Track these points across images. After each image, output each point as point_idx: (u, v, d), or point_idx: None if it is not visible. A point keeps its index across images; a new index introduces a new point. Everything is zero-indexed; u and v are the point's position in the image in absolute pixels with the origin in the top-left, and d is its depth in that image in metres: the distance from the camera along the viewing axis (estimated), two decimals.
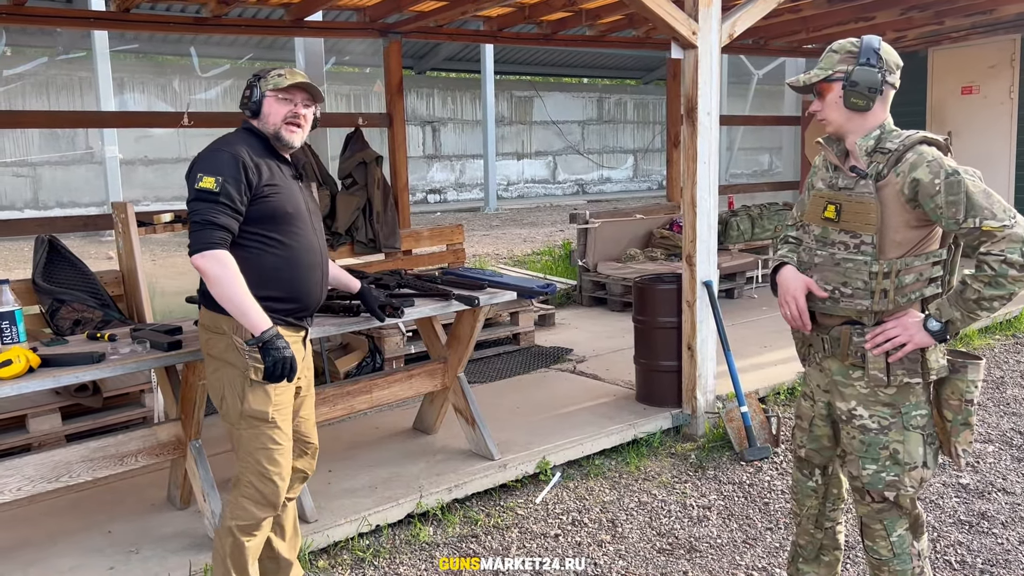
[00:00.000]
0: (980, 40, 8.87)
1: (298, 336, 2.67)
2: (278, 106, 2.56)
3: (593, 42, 8.01)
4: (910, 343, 2.22)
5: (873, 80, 2.23)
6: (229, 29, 6.11)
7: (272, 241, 2.54)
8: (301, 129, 2.61)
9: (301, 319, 2.68)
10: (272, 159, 2.59)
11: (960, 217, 2.13)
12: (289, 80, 2.56)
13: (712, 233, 4.38)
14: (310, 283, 2.64)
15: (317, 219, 2.74)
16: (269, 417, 2.55)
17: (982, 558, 3.11)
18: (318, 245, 2.68)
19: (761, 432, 4.21)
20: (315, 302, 2.70)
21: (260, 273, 2.52)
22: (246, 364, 2.51)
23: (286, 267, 2.56)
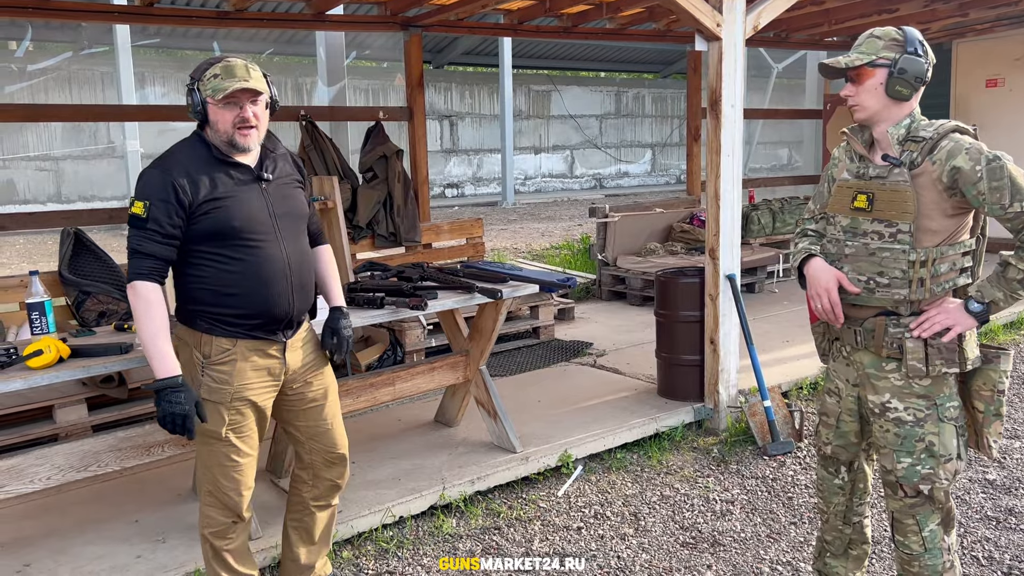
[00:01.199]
0: (1005, 32, 8.76)
1: (275, 347, 2.54)
2: (223, 112, 2.39)
3: (613, 35, 7.98)
4: (956, 326, 2.22)
5: (920, 70, 2.22)
6: (251, 23, 6.13)
7: (222, 258, 2.41)
8: (255, 129, 2.43)
9: (273, 332, 2.52)
10: (219, 168, 2.42)
11: (1006, 202, 2.12)
12: (227, 84, 2.35)
13: (735, 226, 4.36)
14: (272, 296, 2.46)
15: (289, 221, 2.54)
16: (222, 435, 2.49)
17: (1010, 554, 3.08)
18: (282, 253, 2.48)
19: (784, 427, 4.19)
20: (283, 313, 2.50)
21: (215, 291, 2.43)
22: (199, 381, 2.47)
23: (241, 283, 2.42)
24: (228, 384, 2.47)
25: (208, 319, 2.45)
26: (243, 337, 2.46)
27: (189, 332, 2.49)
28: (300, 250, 2.58)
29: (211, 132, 2.45)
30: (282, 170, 2.57)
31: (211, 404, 2.46)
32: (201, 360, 2.46)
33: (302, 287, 2.56)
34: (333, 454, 2.76)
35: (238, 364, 2.47)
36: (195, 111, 2.43)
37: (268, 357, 2.53)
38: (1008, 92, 8.89)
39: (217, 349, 2.46)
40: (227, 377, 2.47)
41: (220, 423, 2.47)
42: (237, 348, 2.47)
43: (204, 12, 5.91)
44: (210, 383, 2.46)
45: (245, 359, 2.48)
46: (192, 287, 2.45)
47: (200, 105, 2.41)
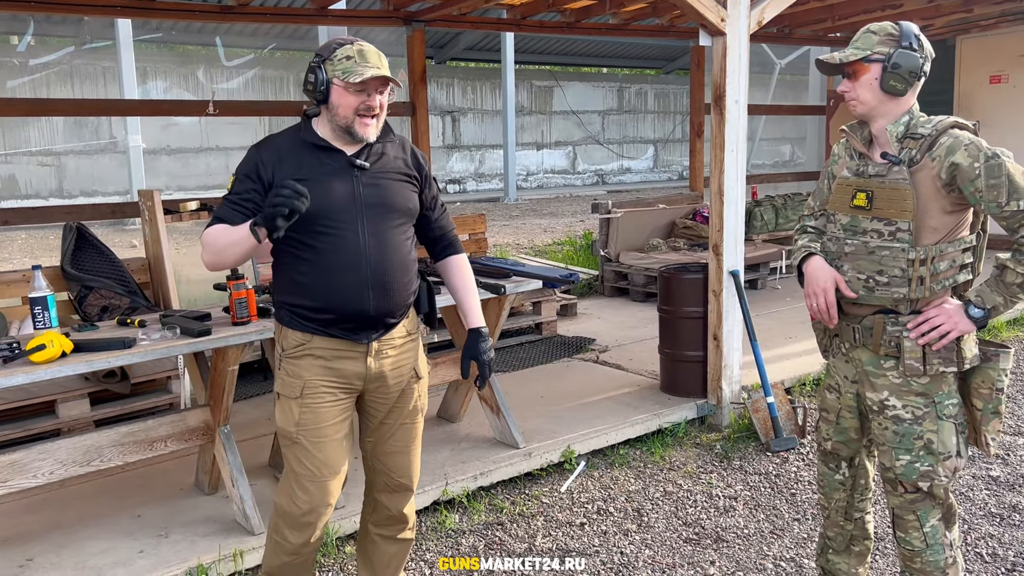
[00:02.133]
0: (1010, 28, 8.73)
1: (356, 349, 2.33)
2: (348, 97, 2.22)
3: (616, 30, 7.96)
4: (954, 330, 2.20)
5: (915, 65, 2.20)
6: (253, 17, 6.12)
7: (298, 244, 2.27)
8: (375, 120, 2.27)
9: (350, 331, 2.31)
10: (312, 152, 2.27)
11: (1003, 200, 2.11)
12: (362, 70, 2.19)
13: (739, 222, 4.35)
14: (344, 289, 2.27)
15: (380, 213, 2.32)
16: (293, 436, 2.32)
17: (1013, 551, 3.07)
18: (361, 244, 2.27)
19: (787, 423, 4.18)
20: (355, 310, 2.29)
21: (291, 279, 2.31)
22: (277, 374, 2.39)
23: (312, 272, 2.27)
24: (300, 378, 2.31)
25: (287, 310, 2.34)
26: (318, 333, 2.30)
27: (276, 323, 2.41)
28: (388, 245, 2.33)
29: (326, 115, 2.27)
30: (388, 162, 2.36)
31: (284, 400, 2.34)
32: (280, 352, 2.37)
33: (384, 286, 2.31)
34: (394, 481, 2.51)
35: (311, 360, 2.31)
36: (317, 89, 2.23)
37: (346, 359, 2.33)
38: (1012, 88, 8.87)
39: (291, 342, 2.33)
40: (299, 371, 2.31)
41: (291, 420, 2.32)
42: (312, 344, 2.31)
43: (206, 7, 5.90)
44: (284, 376, 2.34)
45: (319, 356, 2.31)
46: (277, 276, 2.37)
47: (324, 84, 2.23)
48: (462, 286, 2.55)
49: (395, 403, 2.44)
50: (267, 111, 10.35)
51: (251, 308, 3.07)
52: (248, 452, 3.79)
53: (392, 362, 2.39)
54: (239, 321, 3.04)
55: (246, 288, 3.04)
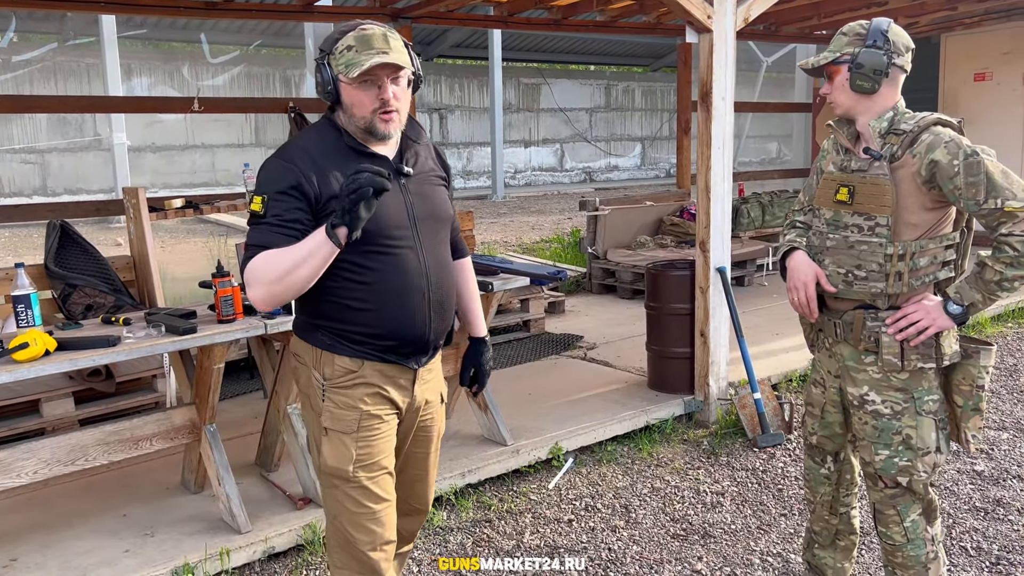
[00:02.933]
0: (994, 26, 8.79)
1: (406, 376, 2.12)
2: (359, 94, 1.95)
3: (603, 27, 7.96)
4: (932, 326, 2.21)
5: (878, 62, 2.21)
6: (239, 14, 6.09)
7: (352, 266, 1.98)
8: (396, 114, 1.99)
9: (406, 356, 2.09)
10: (353, 160, 1.98)
11: (981, 198, 2.12)
12: (363, 59, 1.90)
13: (726, 219, 4.36)
14: (407, 313, 2.03)
15: (431, 225, 2.10)
16: (350, 475, 2.03)
17: (998, 545, 3.10)
18: (421, 263, 2.05)
19: (774, 419, 4.20)
20: (418, 335, 2.07)
21: (343, 305, 2.02)
22: (320, 407, 2.07)
23: (372, 296, 2.01)
24: (354, 409, 2.04)
25: (331, 334, 2.05)
26: (371, 358, 2.05)
27: (307, 349, 2.09)
28: (441, 261, 2.13)
29: (344, 117, 2.01)
30: (424, 164, 2.14)
31: (335, 435, 2.05)
32: (321, 382, 2.06)
33: (442, 305, 2.11)
34: (410, 506, 2.34)
35: (364, 389, 2.06)
36: (326, 92, 1.99)
37: (397, 386, 2.11)
38: (996, 86, 8.93)
39: (339, 370, 2.05)
40: (352, 402, 2.05)
41: (347, 458, 2.03)
42: (364, 370, 2.05)
43: (191, 3, 5.85)
44: (332, 409, 2.04)
45: (372, 383, 2.06)
46: (316, 300, 2.03)
47: (331, 84, 1.97)
48: (468, 293, 2.39)
49: (425, 427, 2.25)
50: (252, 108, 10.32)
51: (237, 306, 3.05)
52: (234, 451, 3.77)
53: (428, 387, 2.21)
54: (225, 319, 3.01)
55: (231, 285, 3.02)
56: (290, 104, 5.85)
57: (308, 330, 2.09)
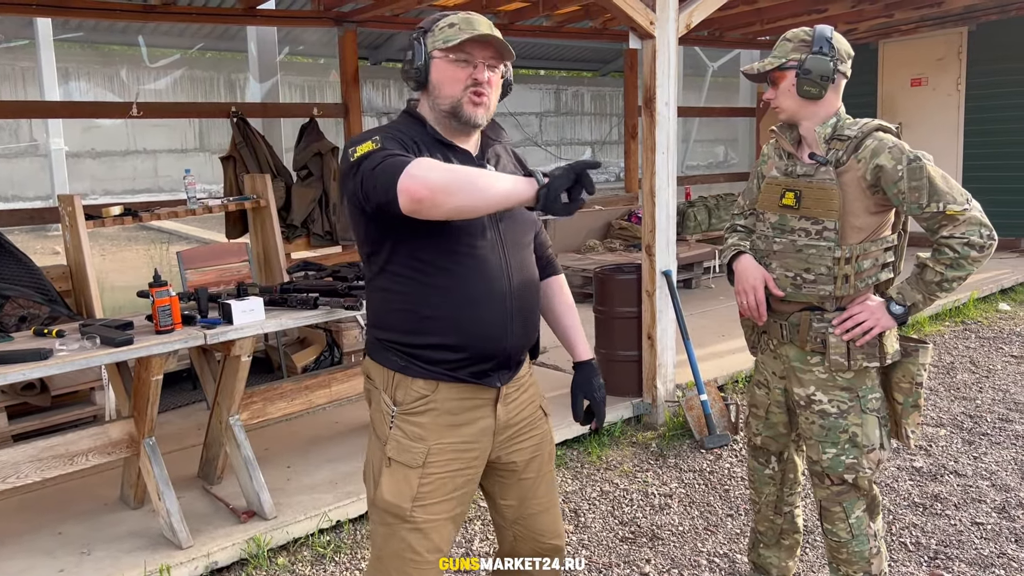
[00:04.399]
0: (929, 33, 9.05)
1: (486, 396, 1.90)
2: (452, 70, 1.81)
3: (551, 32, 8.00)
4: (877, 326, 2.27)
5: (825, 68, 2.25)
6: (178, 17, 5.97)
7: (426, 267, 1.80)
8: (486, 100, 1.84)
9: (483, 375, 1.87)
10: (438, 150, 1.84)
11: (924, 202, 2.17)
12: (465, 32, 1.78)
13: (671, 223, 4.40)
14: (486, 322, 1.84)
15: (514, 228, 1.91)
16: (407, 514, 1.84)
17: (936, 539, 3.17)
18: (503, 267, 1.86)
19: (720, 420, 4.25)
20: (498, 347, 1.86)
21: (413, 313, 1.83)
22: (386, 435, 1.87)
23: (446, 302, 1.81)
24: (422, 441, 1.85)
25: (402, 353, 1.86)
26: (446, 379, 1.85)
27: (379, 370, 1.91)
28: (525, 266, 1.94)
29: (428, 101, 1.87)
30: (505, 165, 1.99)
31: (398, 468, 1.85)
32: (391, 409, 1.87)
33: (525, 314, 1.91)
34: (546, 544, 2.08)
35: (438, 416, 1.86)
36: (414, 69, 1.85)
37: (476, 409, 1.89)
38: (932, 91, 9.20)
39: (412, 394, 1.85)
40: (422, 432, 1.85)
41: (406, 494, 1.84)
42: (437, 394, 1.85)
43: (128, 6, 5.72)
44: (400, 438, 1.85)
45: (447, 410, 1.86)
46: (385, 308, 1.88)
47: (423, 60, 1.83)
48: (566, 313, 2.15)
49: (528, 451, 2.00)
50: (194, 113, 10.11)
51: (175, 316, 2.97)
52: (176, 463, 3.69)
53: (520, 404, 1.98)
54: (163, 329, 2.94)
55: (169, 295, 2.95)
56: (232, 109, 5.75)
57: (380, 350, 1.90)
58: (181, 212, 4.98)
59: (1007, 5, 8.16)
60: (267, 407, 3.56)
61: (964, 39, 8.85)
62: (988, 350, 5.65)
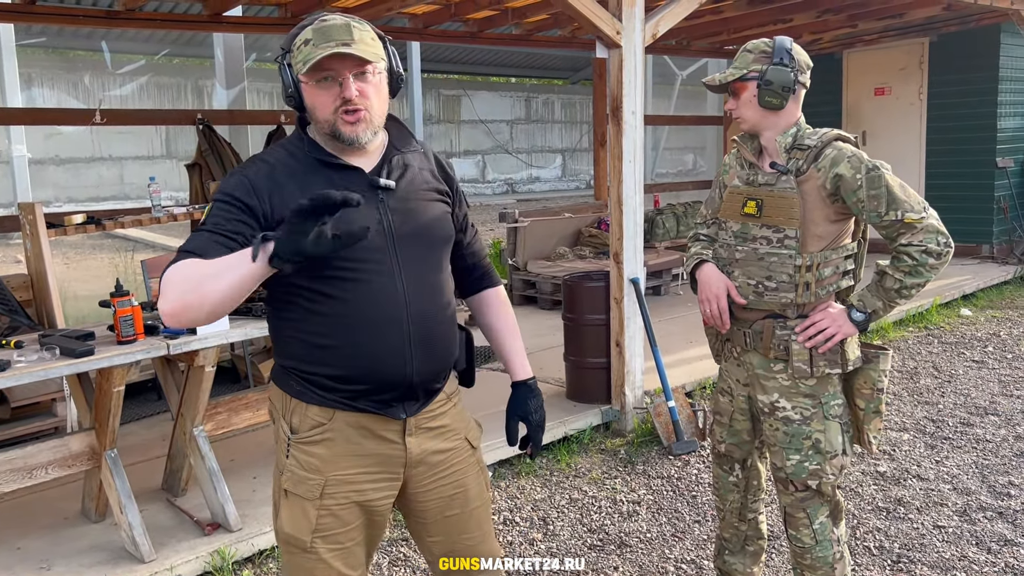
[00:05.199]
0: (891, 43, 9.22)
1: (390, 427, 1.79)
2: (319, 94, 1.69)
3: (520, 41, 8.03)
4: (839, 333, 2.29)
5: (786, 79, 2.28)
6: (143, 23, 5.90)
7: (314, 295, 1.70)
8: (364, 114, 1.69)
9: (386, 404, 1.76)
10: (318, 173, 1.73)
11: (882, 210, 2.21)
12: (320, 49, 1.63)
13: (638, 231, 4.43)
14: (380, 350, 1.72)
15: (416, 246, 1.77)
16: (307, 546, 1.75)
17: (899, 543, 3.21)
18: (399, 290, 1.72)
19: (688, 426, 4.27)
20: (396, 376, 1.74)
21: (306, 341, 1.74)
22: (283, 464, 1.78)
23: (337, 330, 1.71)
24: (318, 473, 1.75)
25: (300, 379, 1.76)
26: (343, 407, 1.75)
27: (279, 396, 1.81)
28: (431, 288, 1.79)
29: (312, 123, 1.76)
30: (415, 177, 1.82)
31: (295, 499, 1.76)
32: (288, 436, 1.78)
33: (429, 341, 1.78)
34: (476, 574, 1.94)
35: (335, 446, 1.76)
36: (288, 96, 1.74)
37: (380, 440, 1.78)
38: (895, 100, 9.36)
39: (307, 422, 1.76)
40: (318, 463, 1.75)
41: (305, 527, 1.75)
42: (334, 423, 1.75)
43: (92, 11, 5.65)
44: (295, 469, 1.76)
45: (345, 439, 1.76)
46: (283, 336, 1.78)
47: (292, 86, 1.72)
48: (503, 327, 2.01)
49: (453, 484, 1.88)
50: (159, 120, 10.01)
51: (137, 326, 2.93)
52: (140, 475, 3.64)
53: (438, 436, 1.86)
54: (124, 340, 2.90)
55: (131, 305, 2.91)
56: (198, 116, 5.70)
57: (280, 375, 1.81)
58: (146, 220, 4.92)
59: (966, 17, 8.34)
60: (232, 417, 3.52)
61: (926, 50, 9.02)
62: (950, 355, 5.74)
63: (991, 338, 6.14)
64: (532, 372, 2.03)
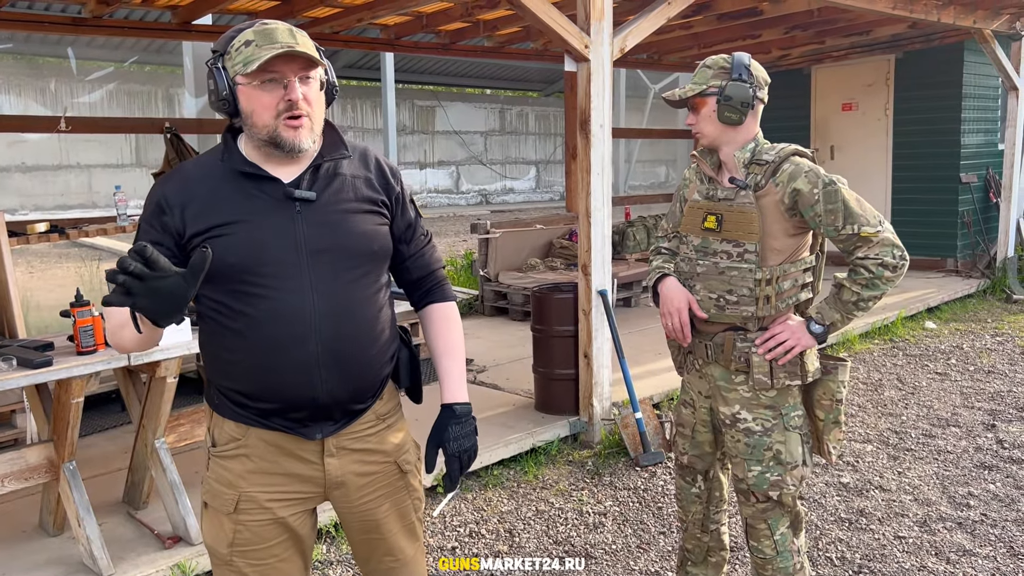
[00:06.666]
0: (858, 59, 9.37)
1: (307, 447, 1.74)
2: (260, 96, 1.62)
3: (492, 53, 8.06)
4: (798, 345, 2.32)
5: (745, 95, 2.32)
6: (111, 31, 5.85)
7: (224, 309, 1.67)
8: (306, 119, 1.65)
9: (296, 423, 1.72)
10: (235, 183, 1.67)
11: (839, 224, 2.24)
12: (265, 49, 1.59)
13: (606, 243, 4.45)
14: (286, 371, 1.67)
15: (332, 261, 1.70)
16: (227, 559, 1.74)
17: (860, 554, 3.24)
18: (308, 306, 1.66)
19: (655, 437, 4.29)
20: (304, 396, 1.69)
21: (217, 356, 1.73)
22: (204, 476, 1.80)
23: (243, 348, 1.67)
24: (232, 487, 1.73)
25: (218, 392, 1.76)
26: (256, 424, 1.72)
27: (206, 406, 1.82)
28: (346, 305, 1.71)
29: (246, 128, 1.68)
30: (344, 187, 1.74)
31: (213, 512, 1.75)
32: (209, 447, 1.78)
33: (345, 361, 1.71)
34: None
35: (248, 462, 1.73)
36: (220, 99, 1.65)
37: (296, 459, 1.74)
38: (862, 115, 9.51)
39: (223, 435, 1.75)
40: (231, 478, 1.73)
41: (222, 539, 1.74)
42: (248, 439, 1.73)
43: (58, 18, 5.59)
44: (212, 481, 1.75)
45: (260, 456, 1.73)
46: (204, 349, 1.77)
47: (227, 90, 1.64)
48: (443, 345, 1.91)
49: (382, 510, 1.84)
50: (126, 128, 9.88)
51: (98, 336, 2.89)
52: (102, 488, 3.59)
53: (360, 460, 1.79)
54: (84, 350, 2.86)
55: (92, 315, 2.87)
56: (166, 124, 5.65)
57: (207, 387, 1.80)
58: (111, 229, 4.86)
59: (930, 35, 8.50)
60: (195, 429, 3.48)
61: (892, 66, 9.18)
62: (914, 367, 5.83)
63: (954, 350, 6.24)
64: (466, 398, 1.90)
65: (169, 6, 5.62)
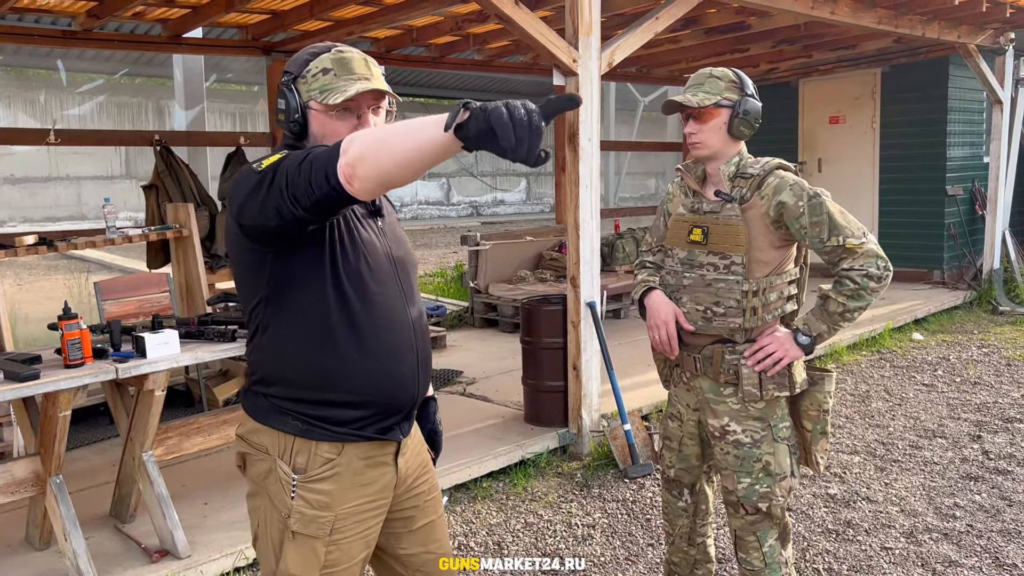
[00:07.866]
0: (845, 73, 9.45)
1: (389, 451, 1.80)
2: (334, 124, 1.69)
3: (482, 66, 8.10)
4: (786, 357, 2.34)
5: (758, 111, 2.36)
6: (101, 44, 5.86)
7: (329, 315, 1.67)
8: None
9: (388, 430, 1.77)
10: None
11: (824, 236, 2.27)
12: (345, 85, 1.65)
13: (595, 255, 4.47)
14: (399, 374, 1.75)
15: (408, 271, 1.82)
16: None
17: (847, 565, 3.26)
18: (407, 314, 1.77)
19: (644, 449, 4.30)
20: (407, 400, 1.78)
21: (312, 367, 1.70)
22: (288, 507, 1.70)
23: (357, 355, 1.70)
24: (328, 510, 1.71)
25: (303, 415, 1.71)
26: (352, 439, 1.72)
27: (272, 435, 1.73)
28: (420, 308, 1.85)
29: None
30: (388, 207, 1.90)
31: (304, 540, 1.71)
32: (292, 478, 1.70)
33: (428, 363, 1.85)
34: None
35: (342, 480, 1.72)
36: (290, 120, 1.71)
37: (380, 465, 1.78)
38: (849, 128, 9.58)
39: (317, 460, 1.71)
40: (327, 500, 1.71)
41: (314, 564, 1.71)
42: (344, 457, 1.72)
43: (49, 31, 5.60)
44: (304, 510, 1.70)
45: (352, 472, 1.73)
46: (280, 364, 1.72)
47: (299, 112, 1.70)
48: None
49: (424, 495, 1.92)
50: (115, 140, 9.85)
51: (85, 349, 2.89)
52: (89, 501, 3.57)
53: (413, 451, 1.90)
54: (72, 363, 2.85)
55: (80, 328, 2.87)
56: (156, 137, 5.65)
57: (273, 413, 1.72)
58: (99, 242, 4.86)
59: (916, 49, 8.59)
60: (183, 442, 3.48)
61: (878, 80, 9.26)
62: (902, 379, 5.86)
63: (941, 362, 6.28)
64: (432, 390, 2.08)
65: (160, 19, 5.63)
